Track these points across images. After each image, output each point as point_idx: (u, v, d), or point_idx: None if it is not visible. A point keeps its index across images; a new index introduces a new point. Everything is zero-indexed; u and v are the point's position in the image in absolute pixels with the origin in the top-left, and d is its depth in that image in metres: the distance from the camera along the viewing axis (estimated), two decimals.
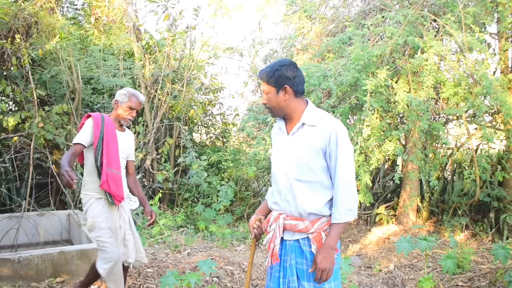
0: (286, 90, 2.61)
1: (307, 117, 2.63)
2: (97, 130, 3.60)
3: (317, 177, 2.60)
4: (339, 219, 2.53)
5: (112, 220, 3.69)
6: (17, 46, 6.40)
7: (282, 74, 2.60)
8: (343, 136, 2.57)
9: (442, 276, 5.13)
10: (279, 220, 2.65)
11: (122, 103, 3.75)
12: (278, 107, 2.66)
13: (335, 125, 2.57)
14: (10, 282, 4.38)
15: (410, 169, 6.87)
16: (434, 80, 5.48)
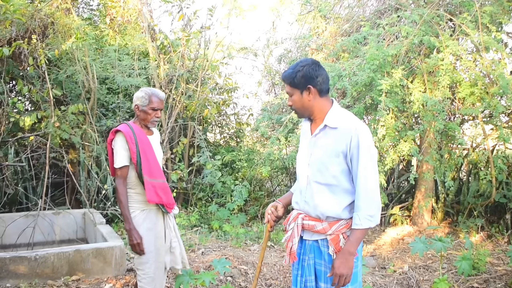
0: (310, 90, 2.58)
1: (329, 118, 2.59)
2: (132, 145, 3.42)
3: (337, 180, 2.57)
4: (359, 225, 2.50)
5: (155, 231, 3.50)
6: (34, 47, 6.47)
7: (305, 74, 2.57)
8: (365, 139, 2.51)
9: (457, 277, 5.09)
10: (298, 220, 2.66)
11: (143, 106, 3.52)
12: (304, 108, 2.64)
13: (357, 127, 2.52)
14: (26, 280, 4.44)
15: (425, 169, 6.82)
16: (450, 80, 5.44)
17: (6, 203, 6.65)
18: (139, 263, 3.44)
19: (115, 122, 7.61)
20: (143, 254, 3.35)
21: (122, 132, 3.43)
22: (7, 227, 5.85)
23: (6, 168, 6.79)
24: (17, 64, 7.03)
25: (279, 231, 6.56)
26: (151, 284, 3.45)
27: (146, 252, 3.41)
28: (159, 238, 3.51)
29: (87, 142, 7.20)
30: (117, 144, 3.45)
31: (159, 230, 3.54)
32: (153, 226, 3.48)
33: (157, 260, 3.47)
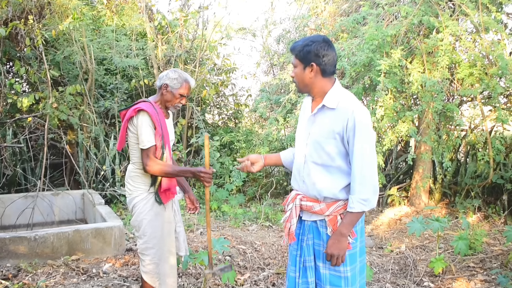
0: (313, 68, 2.53)
1: (328, 99, 2.55)
2: (158, 127, 3.26)
3: (334, 162, 2.55)
4: (353, 208, 2.49)
5: (163, 216, 3.39)
6: (31, 27, 6.42)
7: (311, 51, 2.52)
8: (363, 121, 2.46)
9: (453, 257, 5.14)
10: (296, 201, 2.65)
11: (173, 88, 3.35)
12: (303, 84, 2.60)
13: (355, 109, 2.47)
14: (26, 260, 4.47)
15: (423, 150, 6.84)
16: (449, 60, 5.42)
17: (5, 184, 6.66)
18: (144, 248, 3.33)
19: (113, 103, 7.59)
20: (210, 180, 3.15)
21: (148, 113, 3.26)
22: (6, 208, 5.87)
23: (4, 150, 6.80)
24: (14, 45, 6.99)
25: (278, 211, 6.60)
26: (155, 270, 3.34)
27: (152, 237, 3.31)
28: (168, 223, 3.41)
29: (85, 123, 7.19)
30: (143, 123, 3.25)
31: (168, 214, 3.43)
32: (161, 211, 3.37)
33: (163, 246, 3.36)
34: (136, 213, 3.35)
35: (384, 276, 4.73)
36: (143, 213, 3.32)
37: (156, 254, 3.34)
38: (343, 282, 2.60)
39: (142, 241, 3.34)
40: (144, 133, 3.24)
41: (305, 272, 2.69)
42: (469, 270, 4.81)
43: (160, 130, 3.26)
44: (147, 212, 3.32)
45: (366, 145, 2.47)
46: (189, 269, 4.51)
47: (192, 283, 4.31)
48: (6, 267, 4.38)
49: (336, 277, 2.60)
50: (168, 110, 3.48)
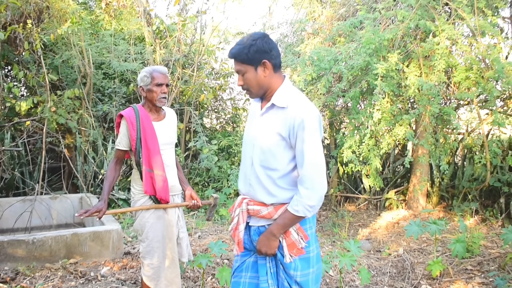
0: (266, 65, 2.37)
1: (278, 97, 2.41)
2: (133, 132, 3.30)
3: (281, 165, 2.40)
4: (297, 211, 2.33)
5: (165, 220, 3.40)
6: (29, 31, 6.44)
7: (259, 49, 2.35)
8: (311, 123, 2.31)
9: (451, 260, 5.15)
10: (242, 205, 2.52)
11: (147, 86, 3.34)
12: (259, 86, 2.43)
13: (302, 111, 2.32)
14: (25, 263, 4.47)
15: (420, 153, 6.86)
16: (445, 64, 5.45)
17: (3, 187, 6.67)
18: (146, 252, 3.35)
19: (111, 107, 7.61)
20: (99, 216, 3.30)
21: (125, 118, 3.33)
22: (4, 212, 5.87)
23: (2, 153, 6.80)
24: (13, 48, 7.01)
25: None
26: (155, 275, 3.34)
27: (154, 241, 3.32)
28: (170, 227, 3.41)
29: (84, 127, 7.20)
30: (120, 129, 3.39)
31: (171, 218, 3.43)
32: (163, 214, 3.37)
33: (164, 250, 3.36)
34: (138, 217, 3.37)
35: (382, 279, 4.75)
36: (145, 217, 3.34)
37: (157, 259, 3.34)
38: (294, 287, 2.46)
39: (144, 245, 3.36)
40: (119, 136, 3.40)
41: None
42: (466, 272, 4.82)
43: (135, 135, 3.29)
44: (149, 216, 3.33)
45: (316, 149, 2.32)
46: (187, 272, 4.52)
47: (191, 286, 4.32)
48: (4, 270, 4.38)
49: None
50: (157, 109, 3.46)
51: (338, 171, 7.82)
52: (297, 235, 2.46)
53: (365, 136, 5.59)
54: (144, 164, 3.31)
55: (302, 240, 2.45)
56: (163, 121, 3.48)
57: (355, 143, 5.79)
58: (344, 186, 7.93)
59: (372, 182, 6.15)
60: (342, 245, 5.71)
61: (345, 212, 7.22)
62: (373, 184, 6.25)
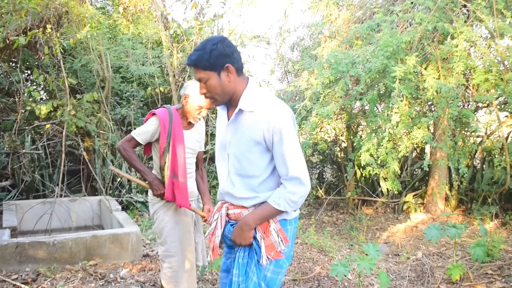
0: (229, 70, 2.26)
1: (244, 101, 2.31)
2: (163, 135, 3.28)
3: (260, 171, 2.35)
4: (278, 204, 2.28)
5: (184, 224, 3.43)
6: (49, 36, 6.53)
7: (221, 53, 2.24)
8: (284, 125, 2.25)
9: (471, 264, 5.10)
10: (222, 210, 2.47)
11: (193, 100, 3.29)
12: (224, 92, 2.32)
13: (274, 113, 2.25)
14: (45, 264, 4.53)
15: (439, 156, 6.81)
16: (464, 66, 5.40)
17: (23, 190, 6.76)
18: (165, 255, 3.38)
19: (129, 111, 7.67)
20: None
21: (158, 117, 3.30)
22: (25, 214, 5.95)
23: (23, 156, 6.90)
24: (33, 53, 7.11)
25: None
26: (174, 278, 3.37)
27: (172, 245, 3.35)
28: (188, 232, 3.43)
29: (102, 130, 7.28)
30: (148, 123, 3.35)
31: (189, 222, 3.46)
32: (182, 219, 3.39)
33: (183, 254, 3.39)
34: (157, 220, 3.39)
35: (401, 283, 4.72)
36: (164, 221, 3.36)
37: (176, 262, 3.37)
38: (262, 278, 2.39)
39: (163, 249, 3.38)
40: (142, 129, 3.35)
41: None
42: (487, 277, 4.76)
43: (165, 138, 3.27)
44: (168, 220, 3.36)
45: (296, 148, 2.27)
46: (205, 275, 4.54)
47: None
48: (26, 271, 4.44)
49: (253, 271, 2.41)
50: (188, 120, 3.43)
51: (356, 174, 7.79)
52: (278, 236, 2.39)
53: (383, 139, 5.56)
54: (169, 170, 3.30)
55: (282, 243, 2.39)
56: (192, 130, 3.49)
57: (373, 146, 5.76)
58: (361, 189, 7.89)
59: (390, 185, 6.11)
60: (360, 248, 5.68)
61: (362, 216, 7.19)
62: (391, 187, 6.21)
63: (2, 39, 6.48)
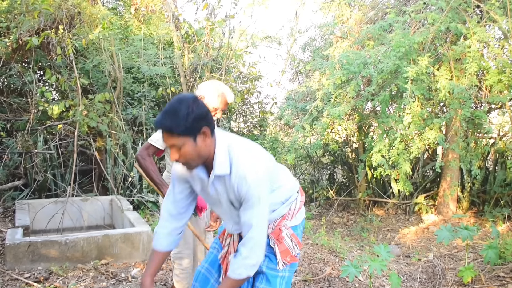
0: (205, 132, 2.12)
1: (219, 165, 2.20)
2: None
3: None
4: (239, 274, 2.25)
5: (197, 226, 3.44)
6: (61, 36, 6.57)
7: (197, 116, 2.07)
8: (255, 187, 2.18)
9: (483, 266, 5.05)
10: (234, 236, 2.49)
11: (208, 102, 3.22)
12: (199, 157, 2.17)
13: (244, 174, 2.17)
14: (57, 263, 4.56)
15: (450, 158, 6.77)
16: (477, 67, 5.36)
17: (36, 189, 6.81)
18: (177, 257, 3.41)
19: (140, 111, 7.71)
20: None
21: None
22: (37, 213, 6.00)
23: (35, 156, 6.96)
24: (45, 54, 7.16)
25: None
26: (186, 280, 3.42)
27: (185, 247, 3.38)
28: (200, 232, 3.47)
29: (114, 131, 7.31)
30: None
31: (200, 225, 3.49)
32: (194, 222, 3.42)
33: (195, 254, 3.44)
34: None
35: (412, 284, 4.69)
36: None
37: (189, 264, 3.41)
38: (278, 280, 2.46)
39: (176, 250, 3.40)
40: (158, 132, 3.31)
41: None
42: (499, 279, 4.72)
43: None
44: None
45: (262, 212, 2.24)
46: None
47: None
48: (38, 270, 4.48)
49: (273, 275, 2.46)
50: None
51: (367, 175, 7.76)
52: (291, 241, 2.44)
53: (395, 140, 5.53)
54: None
55: (296, 247, 2.44)
56: None
57: (385, 147, 5.74)
58: (372, 190, 7.86)
59: (401, 186, 6.08)
60: (371, 249, 5.66)
61: (373, 217, 7.16)
62: (403, 189, 6.18)
63: (15, 39, 6.53)
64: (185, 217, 2.50)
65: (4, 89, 7.57)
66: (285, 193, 2.50)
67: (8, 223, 5.84)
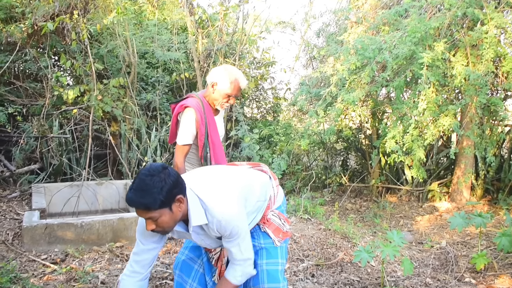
0: (180, 200, 2.20)
1: (194, 218, 2.30)
2: (202, 126, 3.24)
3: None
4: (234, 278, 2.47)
5: None
6: (76, 22, 6.59)
7: (170, 186, 2.14)
8: (236, 228, 2.32)
9: (496, 254, 5.04)
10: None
11: (221, 88, 3.24)
12: (175, 222, 2.26)
13: (219, 215, 2.28)
14: (73, 245, 4.64)
15: (465, 145, 6.72)
16: (494, 53, 5.30)
17: (51, 173, 6.89)
18: None
19: (154, 96, 7.74)
20: None
21: (194, 111, 3.24)
22: (53, 196, 6.07)
23: (51, 140, 7.03)
24: (60, 39, 7.19)
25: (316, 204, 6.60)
26: None
27: None
28: None
29: (128, 115, 7.36)
30: (186, 120, 3.27)
31: None
32: None
33: None
34: None
35: (425, 270, 4.70)
36: None
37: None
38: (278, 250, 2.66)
39: None
40: (183, 130, 3.29)
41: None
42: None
43: (204, 129, 3.26)
44: None
45: (248, 247, 2.46)
46: None
47: None
48: (55, 252, 4.56)
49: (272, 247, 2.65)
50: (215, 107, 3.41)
51: (380, 162, 7.74)
52: (280, 219, 2.67)
53: (409, 126, 5.50)
54: (213, 160, 3.32)
55: (285, 224, 2.67)
56: (218, 116, 3.50)
57: (399, 133, 5.71)
58: (385, 177, 7.84)
59: (415, 173, 6.06)
60: (384, 236, 5.67)
61: (386, 203, 7.15)
62: (416, 175, 6.16)
63: (30, 25, 6.57)
64: (151, 264, 2.60)
65: (20, 74, 7.62)
66: (263, 194, 2.66)
67: (25, 206, 5.93)
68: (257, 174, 2.75)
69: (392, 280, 4.38)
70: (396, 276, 4.54)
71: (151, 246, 2.50)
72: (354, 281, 4.31)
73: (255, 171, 2.80)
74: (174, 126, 3.48)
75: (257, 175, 2.73)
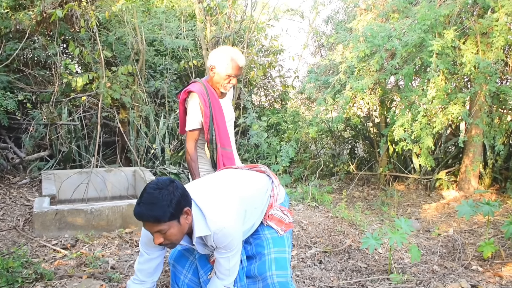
0: (187, 212, 2.26)
1: (198, 232, 2.35)
2: (206, 109, 3.26)
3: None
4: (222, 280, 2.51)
5: None
6: (85, 9, 6.59)
7: (179, 199, 2.19)
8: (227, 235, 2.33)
9: (503, 242, 5.05)
10: None
11: (220, 70, 3.27)
12: (182, 234, 2.29)
13: (215, 228, 2.32)
14: (83, 231, 4.69)
15: (474, 133, 6.69)
16: (504, 41, 5.25)
17: (61, 160, 6.94)
18: None
19: (162, 84, 7.75)
20: None
21: (198, 95, 3.26)
22: (62, 183, 6.12)
23: (60, 127, 7.07)
24: (69, 26, 7.21)
25: (324, 192, 6.62)
26: None
27: None
28: None
29: (136, 103, 7.38)
30: (191, 105, 3.31)
31: None
32: None
33: None
34: None
35: (432, 258, 4.71)
36: None
37: None
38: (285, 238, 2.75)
39: None
40: (190, 115, 3.32)
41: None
42: None
43: (209, 112, 3.28)
44: None
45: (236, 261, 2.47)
46: None
47: None
48: (65, 237, 4.61)
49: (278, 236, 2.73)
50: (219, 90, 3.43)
51: (388, 150, 7.73)
52: (282, 212, 2.75)
53: (417, 114, 5.49)
54: (219, 143, 3.34)
55: (288, 216, 2.74)
56: (225, 99, 3.51)
57: (407, 121, 5.70)
58: (393, 165, 7.83)
59: (423, 161, 6.05)
60: (391, 223, 5.68)
61: (394, 191, 7.16)
62: (425, 164, 6.15)
63: (39, 12, 6.57)
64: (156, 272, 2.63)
65: (29, 61, 7.64)
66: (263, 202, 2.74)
67: (35, 192, 5.99)
68: (258, 180, 2.80)
69: (399, 267, 4.41)
70: (403, 263, 4.56)
71: (156, 254, 2.56)
72: (361, 268, 4.34)
73: (255, 175, 2.85)
74: (182, 114, 3.51)
75: (258, 181, 2.79)
